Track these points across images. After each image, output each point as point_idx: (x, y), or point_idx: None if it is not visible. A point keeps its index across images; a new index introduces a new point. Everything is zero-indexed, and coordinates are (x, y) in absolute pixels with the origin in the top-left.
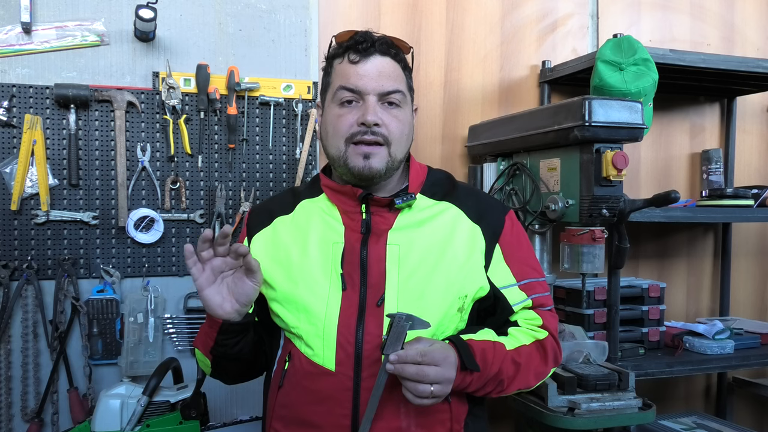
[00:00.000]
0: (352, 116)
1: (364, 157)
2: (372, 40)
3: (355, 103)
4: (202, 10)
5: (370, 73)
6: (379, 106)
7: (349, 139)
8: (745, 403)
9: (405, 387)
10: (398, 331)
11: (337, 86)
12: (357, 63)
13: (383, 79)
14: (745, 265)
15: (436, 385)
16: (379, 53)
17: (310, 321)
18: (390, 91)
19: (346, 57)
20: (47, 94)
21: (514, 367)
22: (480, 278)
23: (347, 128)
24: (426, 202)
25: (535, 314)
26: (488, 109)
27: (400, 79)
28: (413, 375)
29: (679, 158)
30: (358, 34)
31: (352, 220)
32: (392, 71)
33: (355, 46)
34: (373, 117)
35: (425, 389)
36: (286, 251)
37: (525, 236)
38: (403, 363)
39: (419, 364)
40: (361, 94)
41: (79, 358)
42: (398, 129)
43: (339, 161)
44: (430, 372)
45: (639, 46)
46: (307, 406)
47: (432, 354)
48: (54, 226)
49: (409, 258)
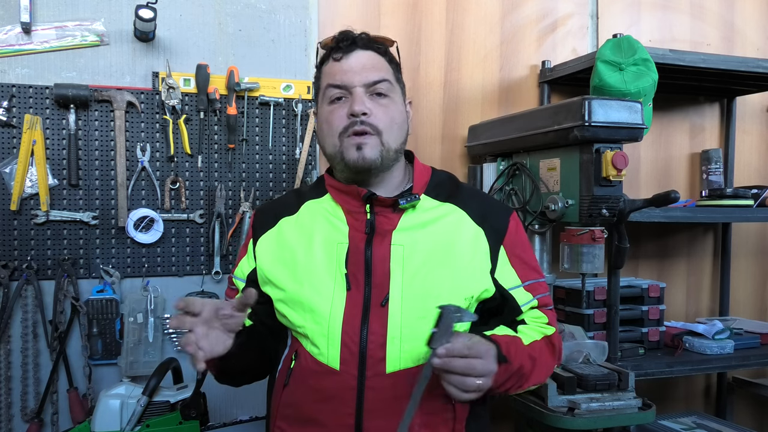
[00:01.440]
0: (342, 110)
1: (357, 148)
2: (352, 36)
3: (345, 98)
4: (202, 10)
5: (354, 66)
6: (366, 97)
7: (343, 133)
8: (745, 403)
9: (449, 381)
10: (447, 323)
11: (326, 85)
12: (340, 60)
13: (367, 71)
14: (744, 265)
15: (482, 378)
16: (360, 48)
17: (316, 320)
18: (376, 81)
19: (331, 58)
20: (47, 94)
21: (531, 362)
22: (484, 280)
23: (339, 122)
24: (430, 203)
25: (540, 313)
26: (488, 109)
27: (385, 69)
28: (462, 368)
29: (678, 158)
30: (339, 34)
31: (356, 221)
32: (376, 62)
33: (337, 45)
34: (360, 106)
35: (473, 383)
36: (292, 252)
37: (526, 237)
38: (452, 357)
39: (466, 357)
40: (348, 88)
41: (78, 358)
42: (387, 117)
43: (336, 157)
44: (477, 365)
45: (639, 46)
46: (311, 405)
47: (477, 347)
48: (54, 226)
49: (413, 258)
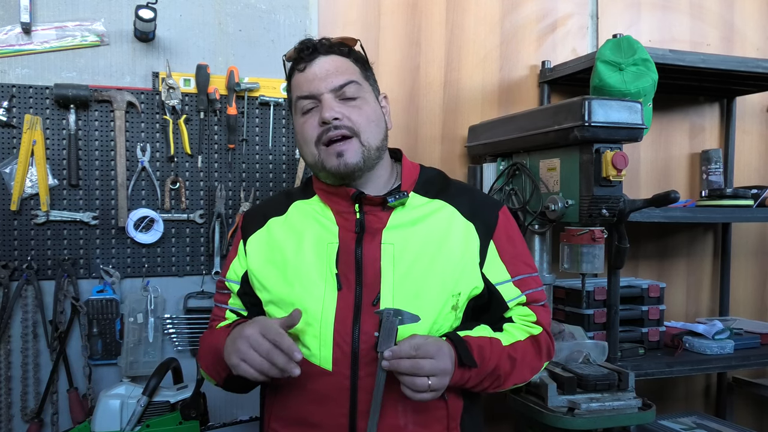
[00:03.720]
0: (313, 120)
1: (337, 155)
2: (312, 44)
3: (315, 109)
4: (202, 10)
5: (318, 74)
6: (336, 102)
7: (318, 141)
8: (744, 403)
9: (402, 382)
10: (389, 327)
11: (295, 98)
12: (304, 70)
13: (332, 76)
14: (744, 265)
15: (432, 377)
16: (322, 54)
17: (307, 321)
18: (342, 84)
19: (296, 69)
20: (47, 95)
21: (510, 363)
22: (475, 276)
23: (312, 131)
24: (419, 201)
25: (529, 310)
26: (488, 109)
27: (351, 70)
28: (409, 369)
29: (678, 158)
30: (299, 44)
31: (346, 220)
32: (340, 65)
33: (299, 56)
34: (329, 113)
35: (423, 383)
36: (281, 252)
37: (518, 232)
38: (398, 358)
39: (414, 357)
40: (316, 96)
41: (78, 358)
42: (362, 118)
43: (317, 166)
44: (425, 365)
45: (639, 46)
46: (305, 406)
47: (425, 347)
48: (54, 226)
49: (403, 257)
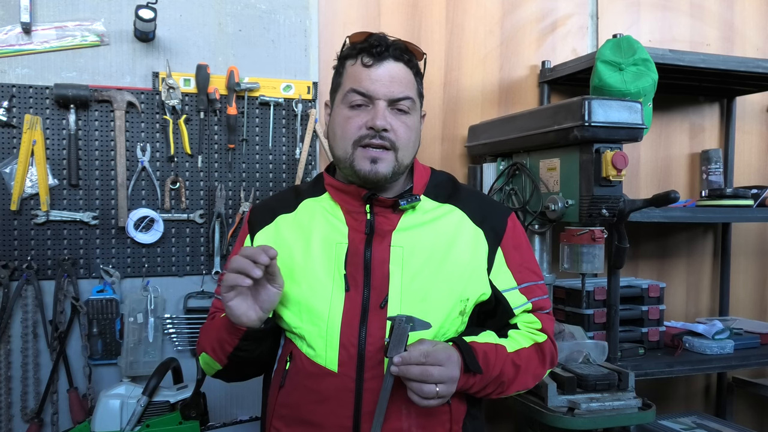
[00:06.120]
0: (360, 119)
1: (371, 161)
2: (386, 44)
3: (365, 106)
4: (202, 10)
5: (382, 78)
6: (388, 112)
7: (357, 142)
8: (744, 403)
9: (410, 388)
10: (400, 333)
11: (348, 88)
12: (370, 67)
13: (395, 85)
14: (744, 265)
15: (441, 384)
16: (392, 58)
17: (313, 322)
18: (400, 98)
19: (359, 59)
20: (47, 95)
21: (514, 370)
22: (483, 282)
23: (355, 131)
24: (430, 204)
25: (534, 318)
26: (488, 109)
27: (411, 85)
28: (418, 375)
29: (678, 158)
30: (372, 36)
31: (355, 221)
32: (404, 77)
33: (369, 49)
34: (382, 122)
35: (431, 389)
36: (289, 251)
37: (526, 239)
38: (407, 364)
39: (423, 364)
40: (371, 98)
41: (78, 358)
42: (406, 135)
43: (345, 162)
44: (434, 372)
45: (638, 46)
46: (308, 406)
47: (435, 354)
48: (54, 226)
49: (412, 260)
